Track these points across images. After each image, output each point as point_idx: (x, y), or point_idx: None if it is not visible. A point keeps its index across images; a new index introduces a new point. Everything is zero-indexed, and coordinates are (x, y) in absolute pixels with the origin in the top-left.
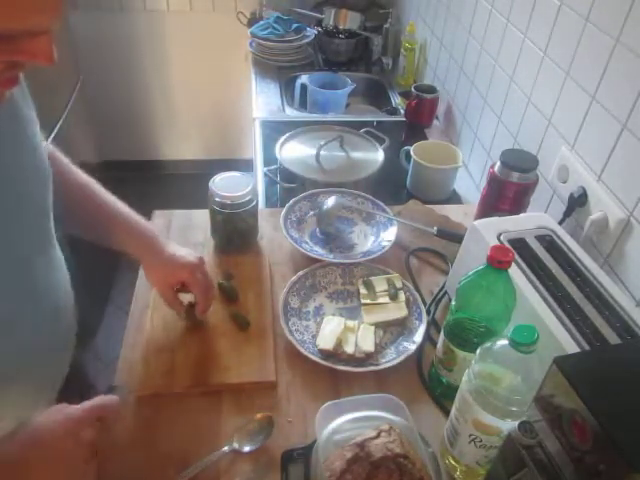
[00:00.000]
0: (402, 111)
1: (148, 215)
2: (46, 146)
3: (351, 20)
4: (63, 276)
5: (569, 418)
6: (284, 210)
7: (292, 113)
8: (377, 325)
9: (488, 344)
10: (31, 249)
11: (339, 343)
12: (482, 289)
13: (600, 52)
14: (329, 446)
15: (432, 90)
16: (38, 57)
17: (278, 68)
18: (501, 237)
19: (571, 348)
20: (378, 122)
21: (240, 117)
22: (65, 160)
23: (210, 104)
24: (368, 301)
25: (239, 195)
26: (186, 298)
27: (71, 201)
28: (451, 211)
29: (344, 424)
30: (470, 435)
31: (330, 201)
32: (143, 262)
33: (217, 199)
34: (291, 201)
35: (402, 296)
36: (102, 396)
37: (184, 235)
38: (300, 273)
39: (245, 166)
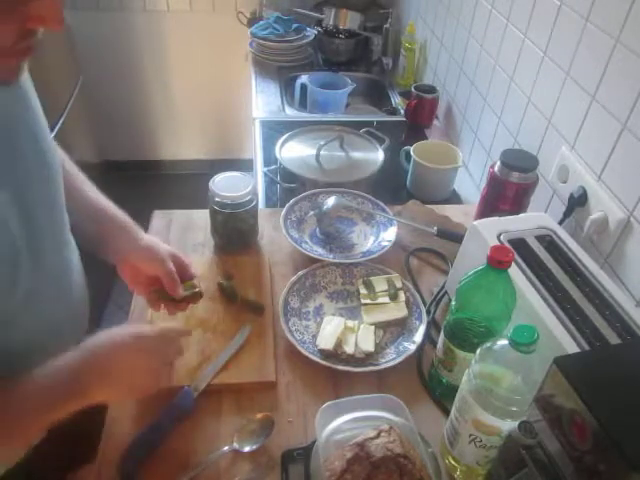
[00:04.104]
0: (402, 111)
1: (148, 215)
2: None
3: (351, 20)
4: (73, 252)
5: (569, 418)
6: (284, 210)
7: (292, 113)
8: (377, 325)
9: (488, 344)
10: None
11: (339, 343)
12: (482, 289)
13: (600, 52)
14: (329, 446)
15: (432, 90)
16: (48, 21)
17: (278, 68)
18: (501, 237)
19: (571, 348)
20: (378, 122)
21: (240, 117)
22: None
23: (210, 104)
24: (368, 301)
25: (239, 195)
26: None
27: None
28: (451, 211)
29: (344, 424)
30: (470, 435)
31: (330, 201)
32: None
33: (217, 199)
34: (291, 201)
35: (402, 296)
36: None
37: (184, 235)
38: (300, 273)
39: (245, 166)
